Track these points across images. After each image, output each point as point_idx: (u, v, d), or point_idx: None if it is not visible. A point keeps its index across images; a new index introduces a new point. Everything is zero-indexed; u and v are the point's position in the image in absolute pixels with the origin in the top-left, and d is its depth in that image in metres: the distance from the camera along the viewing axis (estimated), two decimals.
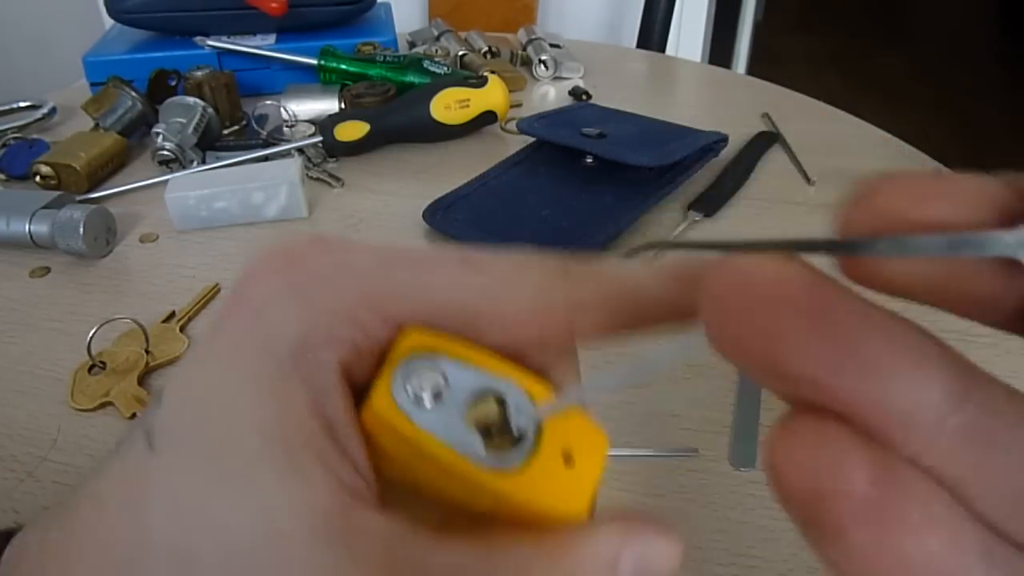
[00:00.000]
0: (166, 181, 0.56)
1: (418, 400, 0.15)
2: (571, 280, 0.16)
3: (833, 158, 0.62)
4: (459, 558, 0.15)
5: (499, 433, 0.16)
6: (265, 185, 0.54)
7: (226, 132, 0.69)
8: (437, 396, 0.15)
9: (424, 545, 0.15)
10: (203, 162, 0.62)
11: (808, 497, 0.12)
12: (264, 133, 0.67)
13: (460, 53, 0.82)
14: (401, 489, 0.17)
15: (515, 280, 0.16)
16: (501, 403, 0.16)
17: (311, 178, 0.61)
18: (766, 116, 0.69)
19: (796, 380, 0.12)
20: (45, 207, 0.51)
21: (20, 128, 0.69)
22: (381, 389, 0.15)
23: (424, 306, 0.16)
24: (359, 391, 0.16)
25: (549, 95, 0.78)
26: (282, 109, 0.69)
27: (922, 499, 0.11)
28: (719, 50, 1.96)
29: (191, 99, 0.65)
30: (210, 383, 0.16)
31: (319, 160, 0.63)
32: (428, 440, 0.15)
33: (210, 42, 0.74)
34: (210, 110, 0.65)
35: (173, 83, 0.71)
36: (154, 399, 0.18)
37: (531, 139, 0.62)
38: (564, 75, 0.80)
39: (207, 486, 0.15)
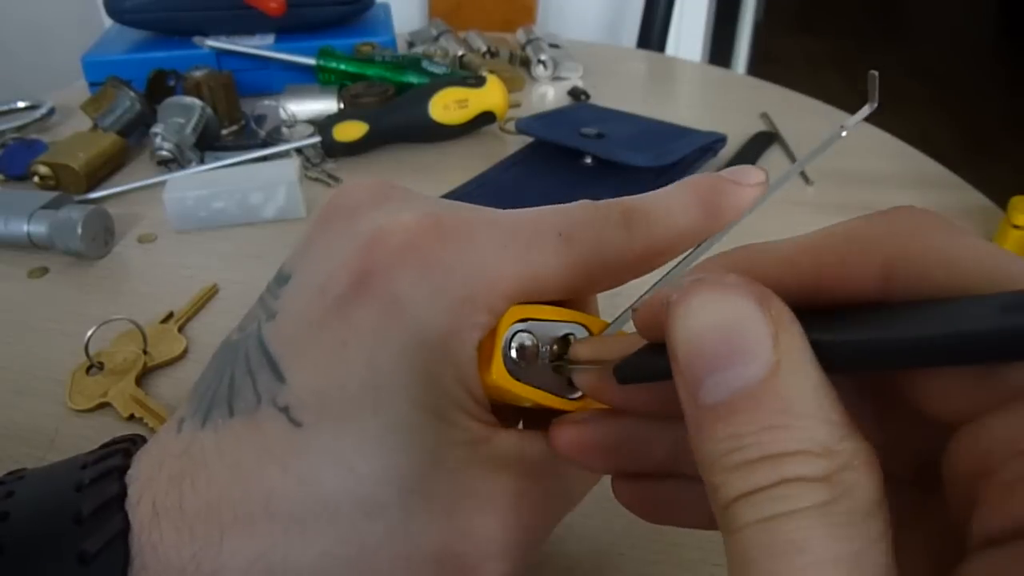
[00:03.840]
0: (164, 181, 0.56)
1: (519, 360, 0.20)
2: (633, 231, 0.20)
3: (833, 158, 0.61)
4: None
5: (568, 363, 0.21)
6: (264, 185, 0.54)
7: (225, 132, 0.69)
8: (531, 354, 0.20)
9: (535, 442, 0.20)
10: (202, 162, 0.62)
11: None
12: (263, 133, 0.67)
13: (459, 53, 0.82)
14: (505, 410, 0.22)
15: (598, 245, 0.20)
16: (568, 341, 0.21)
17: (310, 178, 0.61)
18: (765, 116, 0.69)
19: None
20: (43, 207, 0.51)
21: (19, 128, 0.69)
22: (496, 363, 0.19)
23: (534, 284, 0.20)
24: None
25: (548, 95, 0.78)
26: (281, 109, 0.69)
27: None
28: (719, 50, 1.96)
29: (190, 99, 0.65)
30: (355, 367, 0.18)
31: (318, 160, 0.63)
32: (529, 391, 0.20)
33: (209, 42, 0.74)
34: (209, 110, 0.65)
35: (172, 83, 0.71)
36: (258, 368, 0.19)
37: (530, 139, 0.62)
38: (563, 75, 0.80)
39: (377, 452, 0.18)
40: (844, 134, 0.17)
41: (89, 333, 0.39)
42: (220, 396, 0.20)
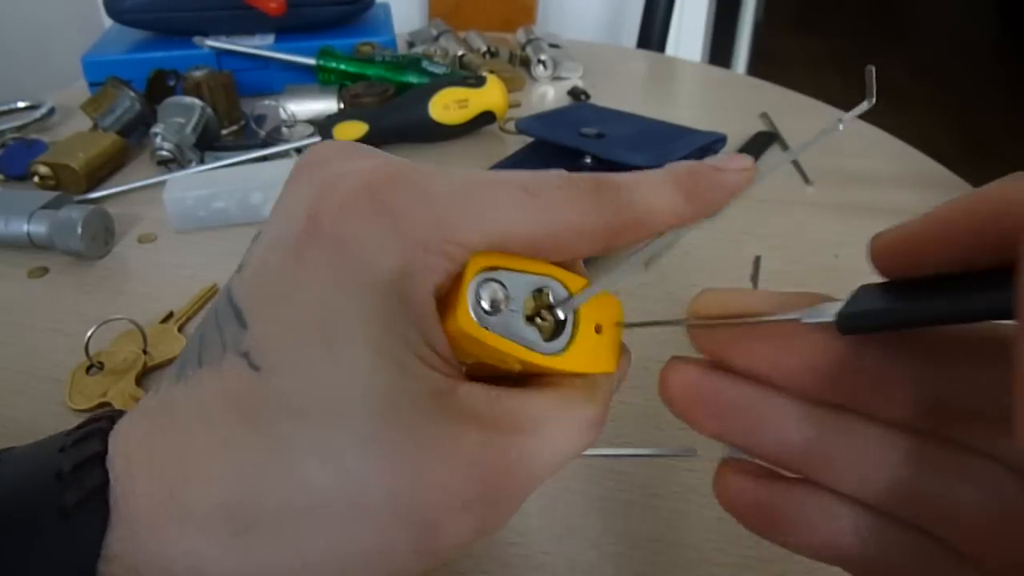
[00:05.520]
0: (164, 181, 0.56)
1: (488, 309, 0.19)
2: (603, 199, 0.20)
3: (832, 158, 0.61)
4: (537, 406, 0.20)
5: (548, 319, 0.20)
6: (264, 185, 0.54)
7: (225, 132, 0.69)
8: (501, 304, 0.19)
9: (507, 396, 0.20)
10: (202, 162, 0.62)
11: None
12: (263, 133, 0.67)
13: (459, 53, 0.82)
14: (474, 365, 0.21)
15: (565, 206, 0.19)
16: (545, 295, 0.20)
17: None
18: (765, 116, 0.69)
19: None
20: (43, 207, 0.51)
21: (19, 128, 0.69)
22: (461, 309, 0.19)
23: (496, 236, 0.19)
24: (438, 299, 0.19)
25: (548, 95, 0.78)
26: (281, 109, 0.69)
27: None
28: (719, 50, 1.96)
29: (190, 99, 0.65)
30: (308, 309, 0.18)
31: None
32: (500, 341, 0.19)
33: (209, 42, 0.74)
34: (209, 110, 0.65)
35: (172, 83, 0.71)
36: (225, 320, 0.20)
37: (530, 139, 0.62)
38: (563, 75, 0.80)
39: (330, 395, 0.18)
40: (841, 128, 0.17)
41: (89, 333, 0.39)
42: (192, 352, 0.20)
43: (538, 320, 0.20)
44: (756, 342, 0.18)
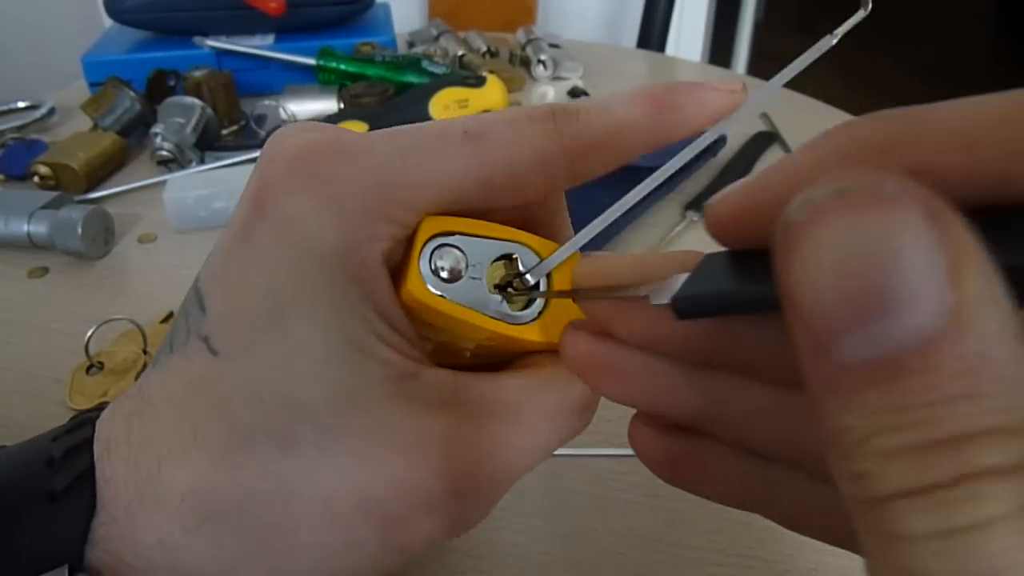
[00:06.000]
0: (165, 181, 0.56)
1: (446, 277, 0.18)
2: (560, 125, 0.18)
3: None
4: (508, 391, 0.19)
5: (517, 287, 0.19)
6: None
7: (225, 132, 0.69)
8: (462, 271, 0.18)
9: (475, 382, 0.18)
10: (202, 162, 0.62)
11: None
12: (263, 133, 0.67)
13: (459, 53, 0.82)
14: (434, 340, 0.20)
15: (515, 141, 0.18)
16: (514, 263, 0.19)
17: None
18: (765, 116, 0.69)
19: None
20: (43, 207, 0.51)
21: (19, 128, 0.69)
22: (413, 275, 0.18)
23: (445, 190, 0.18)
24: (393, 272, 0.18)
25: (548, 95, 0.78)
26: (281, 109, 0.69)
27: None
28: (719, 50, 1.96)
29: (190, 99, 0.65)
30: (258, 290, 0.17)
31: None
32: (460, 310, 0.18)
33: (209, 42, 0.74)
34: (209, 110, 0.65)
35: (172, 83, 0.71)
36: (191, 305, 0.19)
37: None
38: (563, 75, 0.80)
39: (284, 380, 0.17)
40: (834, 41, 0.16)
41: (89, 333, 0.39)
42: (167, 338, 0.20)
43: (509, 291, 0.19)
44: (632, 312, 0.16)
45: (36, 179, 0.58)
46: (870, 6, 0.15)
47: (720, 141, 0.60)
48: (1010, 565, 0.08)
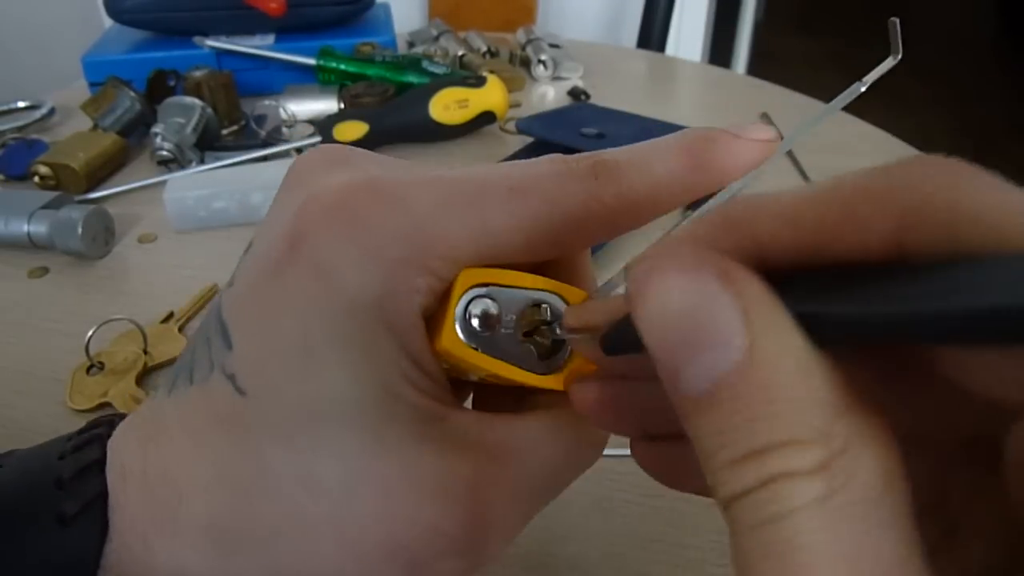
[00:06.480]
0: (165, 181, 0.56)
1: (479, 328, 0.18)
2: (602, 184, 0.18)
3: (833, 158, 0.61)
4: (530, 431, 0.19)
5: (545, 335, 0.19)
6: (264, 185, 0.54)
7: (225, 132, 0.69)
8: (494, 322, 0.18)
9: (500, 423, 0.19)
10: (202, 162, 0.62)
11: None
12: (263, 133, 0.67)
13: (459, 53, 0.82)
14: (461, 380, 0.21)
15: (557, 199, 0.18)
16: (543, 311, 0.19)
17: None
18: (765, 116, 0.69)
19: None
20: (44, 207, 0.51)
21: (19, 128, 0.69)
22: (448, 329, 0.18)
23: (485, 245, 0.18)
24: (427, 318, 0.18)
25: (548, 95, 0.78)
26: (281, 109, 0.69)
27: None
28: (719, 50, 1.96)
29: (190, 99, 0.65)
30: (290, 334, 0.18)
31: None
32: (491, 362, 0.18)
33: (209, 42, 0.74)
34: (209, 110, 0.65)
35: (172, 83, 0.71)
36: (214, 335, 0.19)
37: (530, 139, 0.62)
38: (563, 75, 0.80)
39: (313, 423, 0.17)
40: (863, 89, 0.16)
41: (89, 333, 0.39)
42: (185, 364, 0.20)
43: (536, 337, 0.19)
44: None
45: (36, 179, 0.58)
46: (900, 54, 0.15)
47: None
48: (808, 542, 0.11)
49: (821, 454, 0.11)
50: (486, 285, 0.18)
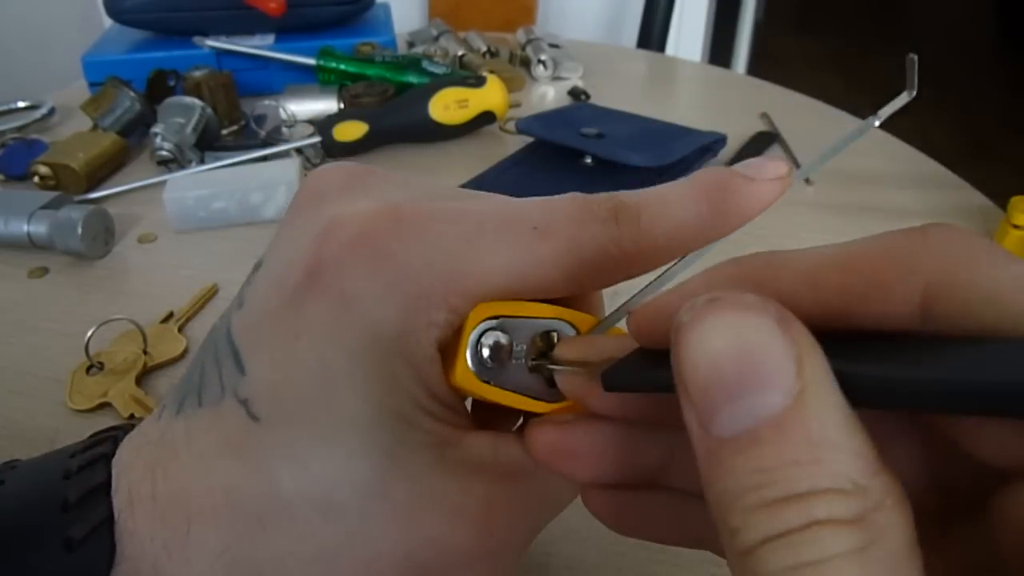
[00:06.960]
0: (165, 181, 0.56)
1: (491, 361, 0.19)
2: (623, 229, 0.19)
3: (832, 158, 0.61)
4: None
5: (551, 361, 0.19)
6: (264, 185, 0.54)
7: (225, 132, 0.69)
8: (504, 354, 0.19)
9: (511, 444, 0.19)
10: (202, 162, 0.62)
11: None
12: (263, 133, 0.67)
13: (459, 53, 0.82)
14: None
15: (579, 242, 0.18)
16: (552, 339, 0.19)
17: None
18: (765, 116, 0.69)
19: None
20: (43, 207, 0.51)
21: (19, 128, 0.69)
22: (460, 365, 0.18)
23: (504, 284, 0.18)
24: (440, 349, 0.19)
25: (548, 95, 0.78)
26: (281, 109, 0.69)
27: None
28: (719, 50, 1.96)
29: (190, 99, 0.65)
30: (308, 363, 0.18)
31: (318, 160, 0.63)
32: (502, 394, 0.19)
33: (209, 42, 0.74)
34: (209, 110, 0.65)
35: (172, 83, 0.71)
36: (224, 357, 0.19)
37: (530, 139, 0.62)
38: (563, 75, 0.80)
39: (329, 450, 0.17)
40: (877, 124, 0.16)
41: (89, 333, 0.39)
42: (193, 385, 0.20)
43: (544, 364, 0.19)
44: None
45: (36, 179, 0.58)
46: (915, 90, 0.15)
47: (720, 141, 0.60)
48: None
49: (861, 505, 0.11)
50: (497, 317, 0.19)
